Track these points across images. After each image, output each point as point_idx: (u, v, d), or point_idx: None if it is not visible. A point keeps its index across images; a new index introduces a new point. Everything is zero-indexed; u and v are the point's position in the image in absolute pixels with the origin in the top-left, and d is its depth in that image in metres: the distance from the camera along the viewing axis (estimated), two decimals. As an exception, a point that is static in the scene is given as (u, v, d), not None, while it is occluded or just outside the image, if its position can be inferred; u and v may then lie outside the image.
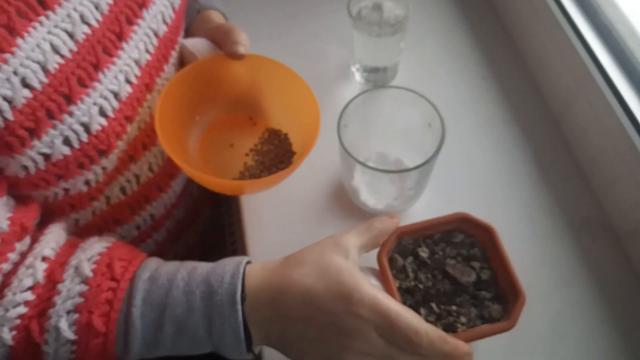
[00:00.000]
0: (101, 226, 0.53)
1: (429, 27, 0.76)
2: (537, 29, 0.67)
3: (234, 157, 0.59)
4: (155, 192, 0.57)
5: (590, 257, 0.55)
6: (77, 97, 0.41)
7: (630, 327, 0.51)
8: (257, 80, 0.59)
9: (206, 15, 0.61)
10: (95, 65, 0.43)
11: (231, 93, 0.60)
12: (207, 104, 0.59)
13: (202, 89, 0.57)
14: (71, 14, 0.40)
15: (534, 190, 0.60)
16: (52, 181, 0.44)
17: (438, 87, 0.69)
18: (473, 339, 0.43)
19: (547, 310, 0.52)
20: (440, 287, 0.46)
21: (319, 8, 0.78)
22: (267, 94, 0.60)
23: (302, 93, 0.55)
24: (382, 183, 0.55)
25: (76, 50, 0.41)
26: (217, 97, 0.60)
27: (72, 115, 0.41)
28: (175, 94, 0.53)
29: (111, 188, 0.51)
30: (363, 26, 0.62)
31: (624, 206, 0.55)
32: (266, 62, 0.56)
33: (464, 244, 0.49)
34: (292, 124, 0.60)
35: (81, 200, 0.48)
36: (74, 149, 0.43)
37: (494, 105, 0.68)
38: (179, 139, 0.56)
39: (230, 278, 0.40)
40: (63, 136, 0.42)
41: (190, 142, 0.59)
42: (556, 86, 0.65)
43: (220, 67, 0.57)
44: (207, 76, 0.57)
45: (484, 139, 0.65)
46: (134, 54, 0.47)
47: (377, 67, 0.67)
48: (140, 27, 0.47)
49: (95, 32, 0.42)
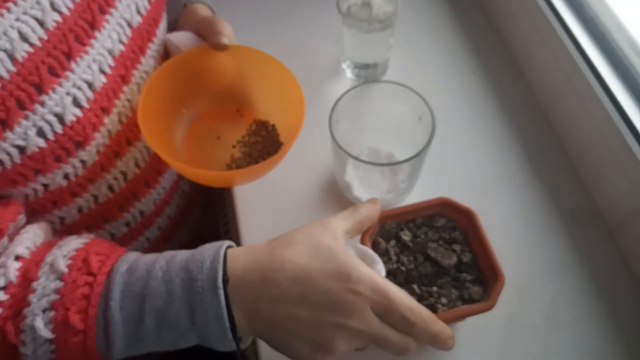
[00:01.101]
0: (90, 224, 0.53)
1: (418, 23, 0.77)
2: (525, 23, 0.68)
3: (221, 149, 0.59)
4: (144, 188, 0.57)
5: (581, 246, 0.56)
6: (49, 87, 0.40)
7: (622, 315, 0.52)
8: (243, 71, 0.59)
9: (192, 8, 0.61)
10: (67, 54, 0.42)
11: (217, 85, 0.60)
12: (193, 97, 0.59)
13: (188, 82, 0.57)
14: (41, 1, 0.39)
15: (524, 181, 0.61)
16: (29, 176, 0.43)
17: (428, 82, 0.69)
18: (453, 318, 0.45)
19: (540, 300, 0.53)
20: (422, 269, 0.48)
21: (309, 6, 0.79)
22: (253, 84, 0.60)
23: (288, 82, 0.55)
24: (375, 177, 0.56)
25: (46, 38, 0.40)
26: (203, 89, 0.60)
27: (44, 105, 0.40)
28: (158, 87, 0.53)
29: (98, 186, 0.50)
30: (353, 23, 0.62)
31: (613, 195, 0.56)
32: (251, 53, 0.56)
33: (446, 227, 0.50)
34: (278, 114, 0.60)
35: (63, 196, 0.48)
36: (49, 141, 0.42)
37: (484, 98, 0.68)
38: (164, 132, 0.56)
39: (210, 263, 0.38)
40: (36, 127, 0.41)
41: (176, 135, 0.58)
42: (544, 79, 0.66)
43: (206, 59, 0.57)
44: (192, 68, 0.56)
45: (474, 132, 0.65)
46: (107, 44, 0.46)
47: (367, 63, 0.68)
48: (112, 17, 0.46)
49: (66, 19, 0.41)
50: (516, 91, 0.69)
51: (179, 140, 0.58)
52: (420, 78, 0.70)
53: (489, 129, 0.65)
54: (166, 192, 0.61)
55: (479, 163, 0.63)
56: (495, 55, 0.73)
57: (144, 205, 0.58)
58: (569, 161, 0.62)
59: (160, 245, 0.64)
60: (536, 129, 0.65)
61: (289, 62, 0.56)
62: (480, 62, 0.72)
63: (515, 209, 0.59)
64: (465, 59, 0.72)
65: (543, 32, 0.64)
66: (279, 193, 0.60)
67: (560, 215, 0.58)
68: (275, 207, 0.60)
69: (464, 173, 0.62)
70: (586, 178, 0.60)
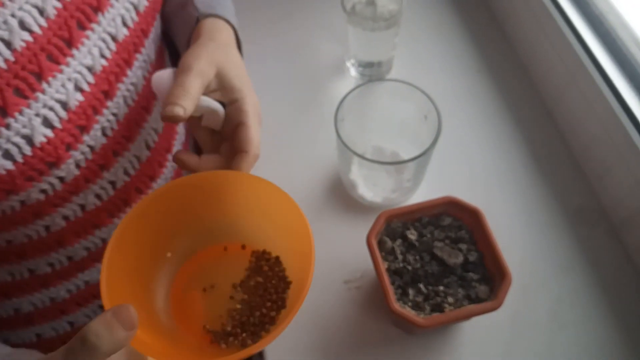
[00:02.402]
0: (79, 231, 0.51)
1: (423, 21, 0.77)
2: (530, 22, 0.68)
3: (216, 300, 0.46)
4: (135, 195, 0.55)
5: (586, 244, 0.56)
6: (15, 109, 0.38)
7: (627, 313, 0.52)
8: (236, 201, 0.47)
9: (199, 27, 0.52)
10: (38, 74, 0.39)
11: (204, 219, 0.47)
12: (176, 238, 0.47)
13: (168, 221, 0.45)
14: (8, 21, 0.37)
15: (529, 179, 0.61)
16: (0, 196, 0.41)
17: (433, 81, 0.69)
18: (460, 318, 0.45)
19: (545, 298, 0.53)
20: (428, 268, 0.48)
21: (313, 4, 0.79)
22: (250, 213, 0.47)
23: (290, 211, 0.43)
24: (380, 176, 0.56)
25: (13, 60, 0.37)
26: (187, 226, 0.47)
27: (10, 128, 0.38)
28: (130, 238, 0.42)
29: (84, 196, 0.48)
30: (357, 21, 0.62)
31: (618, 193, 0.56)
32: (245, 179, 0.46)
33: (452, 226, 0.50)
34: (283, 247, 0.46)
35: (42, 208, 0.46)
36: (17, 163, 0.40)
37: (489, 97, 0.68)
38: (140, 293, 0.43)
39: None
40: (2, 150, 0.39)
41: (158, 291, 0.45)
42: (549, 77, 0.66)
43: (185, 193, 0.46)
44: (174, 204, 0.45)
45: (479, 131, 0.65)
46: (86, 61, 0.43)
47: (371, 61, 0.68)
48: (94, 32, 0.44)
49: (38, 39, 0.39)
50: (521, 89, 0.69)
51: (160, 297, 0.45)
52: (425, 77, 0.70)
53: (493, 128, 0.65)
54: None
55: (483, 162, 0.63)
56: (500, 54, 0.73)
57: None
58: (574, 159, 0.62)
59: None
60: (541, 127, 0.65)
61: (293, 60, 0.56)
62: (485, 61, 0.72)
63: (520, 208, 0.59)
64: (470, 57, 0.72)
65: (548, 30, 0.64)
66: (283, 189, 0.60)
67: (565, 214, 0.58)
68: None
69: (469, 172, 0.62)
70: (591, 176, 0.60)
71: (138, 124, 0.52)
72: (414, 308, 0.46)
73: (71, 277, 0.55)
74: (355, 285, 0.54)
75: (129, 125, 0.50)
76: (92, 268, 0.56)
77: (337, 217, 0.59)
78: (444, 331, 0.51)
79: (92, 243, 0.53)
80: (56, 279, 0.54)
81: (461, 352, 0.50)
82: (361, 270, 0.55)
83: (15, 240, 0.48)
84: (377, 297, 0.54)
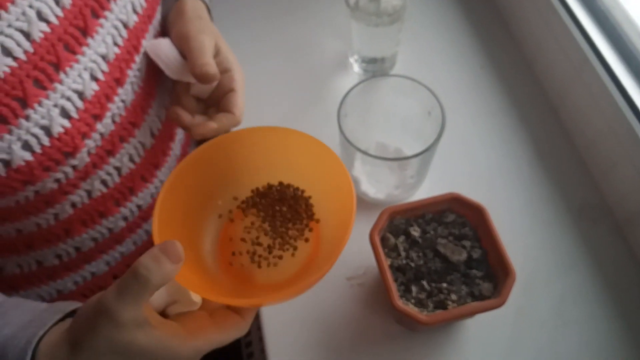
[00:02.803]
0: (85, 219, 0.52)
1: (427, 17, 0.76)
2: (535, 17, 0.67)
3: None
4: (140, 183, 0.56)
5: (590, 241, 0.56)
6: (34, 100, 0.39)
7: (631, 310, 0.52)
8: (276, 156, 0.49)
9: (181, 5, 0.55)
10: (56, 65, 0.40)
11: (251, 172, 0.50)
12: (223, 189, 0.49)
13: (216, 173, 0.48)
14: (26, 12, 0.37)
15: (533, 176, 0.61)
16: (18, 187, 0.42)
17: (436, 77, 0.69)
18: (464, 315, 0.44)
19: (548, 295, 0.53)
20: (432, 265, 0.48)
21: (316, 0, 0.78)
22: (297, 171, 0.50)
23: (335, 169, 0.45)
24: (383, 172, 0.56)
25: (32, 51, 0.38)
26: (234, 179, 0.50)
27: (29, 119, 0.39)
28: (180, 188, 0.44)
29: (90, 182, 0.49)
30: (361, 16, 0.62)
31: (622, 190, 0.56)
32: (283, 133, 0.48)
33: (455, 223, 0.50)
34: (327, 209, 0.48)
35: (54, 196, 0.47)
36: (35, 154, 0.41)
37: (493, 93, 0.68)
38: (188, 241, 0.44)
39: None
40: (21, 141, 0.39)
41: (206, 238, 0.48)
42: (554, 73, 0.65)
43: (236, 145, 0.48)
44: (221, 156, 0.48)
45: (483, 127, 0.65)
46: (100, 49, 0.44)
47: (375, 57, 0.68)
48: (107, 20, 0.44)
49: (55, 29, 0.39)
50: (525, 86, 0.69)
51: (208, 242, 0.48)
52: (429, 72, 0.70)
53: (497, 124, 0.65)
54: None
55: (487, 158, 0.62)
56: (504, 50, 0.72)
57: (141, 200, 0.57)
58: (578, 156, 0.62)
59: None
60: (545, 123, 0.65)
61: (296, 56, 0.56)
62: (488, 57, 0.71)
63: (524, 204, 0.59)
64: (473, 53, 0.72)
65: (553, 26, 0.64)
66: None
67: (569, 211, 0.58)
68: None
69: (472, 168, 0.62)
70: (595, 173, 0.60)
71: (144, 110, 0.53)
72: (417, 305, 0.46)
73: (78, 269, 0.56)
74: (358, 282, 0.54)
75: (135, 112, 0.51)
76: (99, 259, 0.56)
77: (340, 214, 0.59)
78: (447, 328, 0.51)
79: (98, 233, 0.54)
80: (63, 270, 0.55)
81: (464, 349, 0.50)
82: (364, 267, 0.55)
83: (25, 229, 0.49)
84: (380, 294, 0.54)
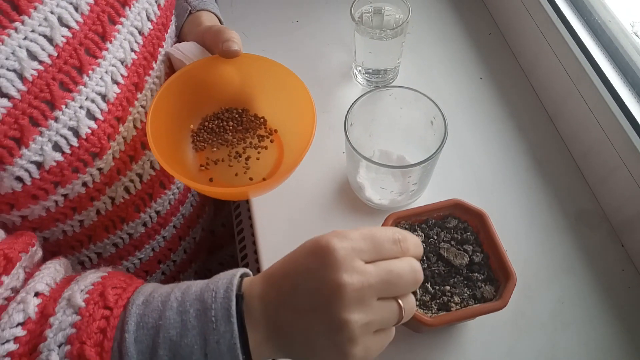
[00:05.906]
0: (108, 225, 0.54)
1: (427, 30, 0.78)
2: (532, 29, 0.69)
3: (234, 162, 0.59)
4: (159, 189, 0.58)
5: (588, 247, 0.57)
6: (61, 102, 0.41)
7: (628, 313, 0.53)
8: (249, 80, 0.59)
9: (197, 17, 0.60)
10: (79, 68, 0.42)
11: (223, 96, 0.59)
12: (200, 110, 0.59)
13: (194, 95, 0.56)
14: (48, 17, 0.39)
15: (532, 183, 0.62)
16: (50, 189, 0.44)
17: (437, 88, 0.71)
18: (466, 317, 0.46)
19: (547, 298, 0.54)
20: (435, 269, 0.49)
21: (322, 15, 0.81)
22: (261, 93, 0.60)
23: (297, 88, 0.55)
24: (386, 179, 0.57)
25: (56, 55, 0.40)
26: (209, 102, 0.59)
27: (58, 121, 0.41)
28: (165, 104, 0.52)
29: (114, 189, 0.51)
30: (365, 30, 0.64)
31: (619, 197, 0.57)
32: (257, 60, 0.56)
33: (458, 228, 0.51)
34: (289, 121, 0.58)
35: (82, 202, 0.49)
36: (65, 154, 0.43)
37: (491, 103, 0.70)
38: (175, 150, 0.55)
39: (224, 292, 0.37)
40: (52, 142, 0.41)
41: (188, 152, 0.58)
42: (551, 83, 0.67)
43: (211, 71, 0.56)
44: (198, 81, 0.56)
45: (482, 136, 0.67)
46: (119, 54, 0.46)
47: (378, 69, 0.70)
48: (123, 26, 0.46)
49: (76, 34, 0.41)
50: (523, 95, 0.71)
51: (190, 156, 0.58)
52: (429, 83, 0.72)
53: (496, 133, 0.67)
54: (180, 192, 0.63)
55: (486, 166, 0.64)
56: (503, 61, 0.74)
57: (159, 206, 0.59)
58: (574, 163, 0.64)
59: (176, 243, 0.66)
60: (543, 132, 0.67)
61: (300, 67, 0.58)
62: (487, 68, 0.74)
63: (523, 210, 0.60)
64: (473, 64, 0.74)
65: (549, 38, 0.66)
66: (293, 192, 0.62)
67: (567, 216, 0.60)
68: (289, 205, 0.61)
69: (473, 175, 0.63)
70: (592, 180, 0.62)
71: None
72: (422, 307, 0.47)
73: None
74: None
75: None
76: (120, 266, 0.58)
77: (345, 219, 0.60)
78: (450, 330, 0.53)
79: (119, 238, 0.56)
80: None
81: (466, 350, 0.51)
82: (369, 270, 0.56)
83: (52, 237, 0.50)
84: (385, 296, 0.55)
